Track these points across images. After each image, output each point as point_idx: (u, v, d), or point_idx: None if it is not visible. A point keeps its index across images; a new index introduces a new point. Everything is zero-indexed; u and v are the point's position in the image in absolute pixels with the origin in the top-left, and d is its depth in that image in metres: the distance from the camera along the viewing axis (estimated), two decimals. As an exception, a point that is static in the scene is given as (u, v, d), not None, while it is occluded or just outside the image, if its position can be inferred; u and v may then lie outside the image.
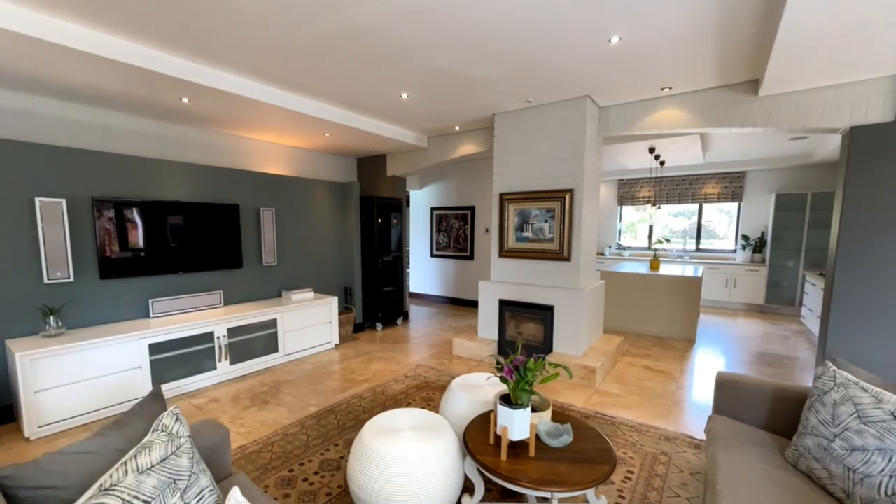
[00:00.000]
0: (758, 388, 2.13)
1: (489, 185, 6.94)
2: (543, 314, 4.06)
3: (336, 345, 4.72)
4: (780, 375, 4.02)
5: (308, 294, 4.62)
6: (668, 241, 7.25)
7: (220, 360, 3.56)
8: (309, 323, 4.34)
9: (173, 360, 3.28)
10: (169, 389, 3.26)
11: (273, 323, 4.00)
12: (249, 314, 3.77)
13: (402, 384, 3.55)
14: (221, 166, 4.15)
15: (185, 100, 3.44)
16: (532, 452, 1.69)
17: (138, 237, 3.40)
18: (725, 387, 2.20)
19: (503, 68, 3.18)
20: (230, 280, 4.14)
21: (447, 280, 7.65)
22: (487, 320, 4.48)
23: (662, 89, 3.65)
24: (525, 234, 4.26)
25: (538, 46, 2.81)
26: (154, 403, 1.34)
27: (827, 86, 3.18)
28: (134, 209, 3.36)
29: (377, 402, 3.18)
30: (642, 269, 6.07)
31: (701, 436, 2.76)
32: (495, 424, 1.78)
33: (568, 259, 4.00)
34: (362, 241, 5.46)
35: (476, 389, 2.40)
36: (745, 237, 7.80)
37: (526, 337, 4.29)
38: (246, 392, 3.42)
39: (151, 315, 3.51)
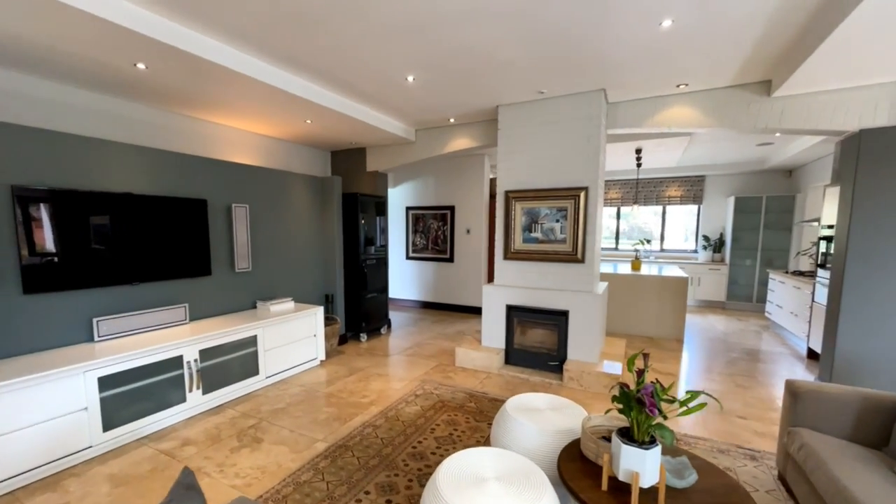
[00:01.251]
0: (843, 398, 1.99)
1: (471, 184, 6.63)
2: (557, 320, 3.81)
3: (322, 361, 4.14)
4: (772, 371, 4.10)
5: (288, 304, 4.00)
6: (648, 241, 7.39)
7: (190, 390, 2.89)
8: (292, 338, 3.74)
9: (131, 394, 2.58)
10: (124, 434, 2.55)
11: (252, 340, 3.36)
12: (226, 331, 3.12)
13: (414, 405, 3.10)
14: (186, 153, 3.43)
15: (140, 65, 2.75)
16: (662, 501, 1.38)
17: (77, 238, 2.64)
18: (806, 397, 2.05)
19: (534, 50, 2.87)
20: (197, 290, 3.43)
21: (425, 284, 7.22)
22: (493, 327, 4.15)
23: (678, 86, 3.55)
24: (534, 234, 4.00)
25: (583, 26, 2.53)
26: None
27: (838, 88, 3.23)
28: (71, 202, 2.60)
29: (395, 430, 2.72)
30: (625, 269, 6.08)
31: (750, 444, 2.63)
32: (608, 466, 1.45)
33: (582, 261, 3.79)
34: (344, 242, 4.90)
35: (538, 415, 2.05)
36: (705, 237, 8.21)
37: (537, 345, 4.02)
38: (228, 427, 2.79)
39: (97, 338, 2.76)
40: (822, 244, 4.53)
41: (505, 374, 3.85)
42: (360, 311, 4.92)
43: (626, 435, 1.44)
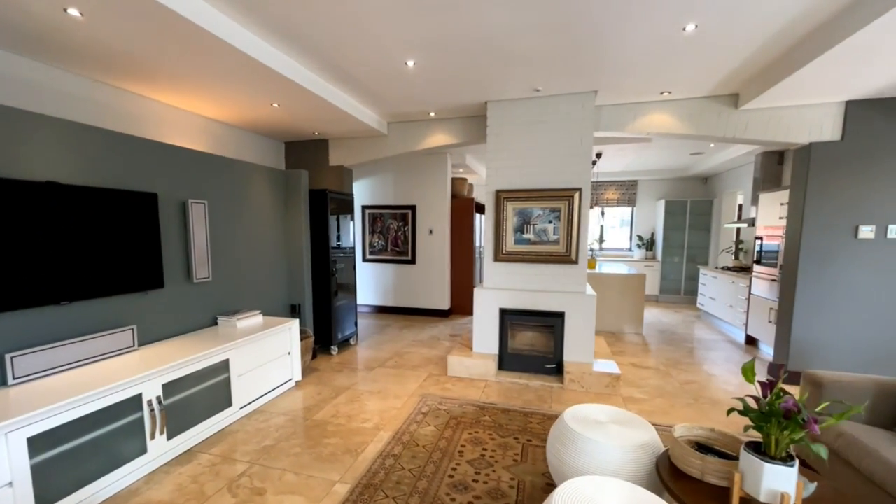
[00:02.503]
0: (859, 385, 2.17)
1: (433, 183, 6.39)
2: (553, 322, 3.77)
3: (297, 382, 3.59)
4: (724, 358, 4.53)
5: (257, 318, 3.40)
6: (602, 241, 7.77)
7: (153, 436, 2.26)
8: (266, 358, 3.18)
9: (72, 455, 1.92)
10: (64, 505, 1.89)
11: (224, 366, 2.77)
12: (194, 357, 2.51)
13: (427, 426, 2.80)
14: (130, 134, 2.70)
15: (73, 10, 2.08)
16: (799, 517, 1.32)
17: (-21, 245, 1.90)
18: (828, 388, 2.20)
19: (550, 42, 2.74)
20: (147, 307, 2.72)
21: (384, 287, 6.81)
22: (485, 332, 3.98)
23: (662, 93, 3.71)
24: (526, 235, 3.91)
25: (607, 19, 2.44)
26: None
27: (793, 105, 3.62)
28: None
29: (419, 457, 2.40)
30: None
31: (754, 433, 2.80)
32: (739, 487, 1.35)
33: (575, 262, 3.78)
34: (313, 245, 4.35)
35: (605, 429, 1.92)
36: (639, 237, 8.96)
37: (531, 348, 3.94)
38: (210, 478, 2.22)
39: (11, 381, 2.01)
40: (758, 243, 5.10)
41: (503, 381, 3.70)
42: (330, 321, 4.41)
43: (758, 451, 1.36)
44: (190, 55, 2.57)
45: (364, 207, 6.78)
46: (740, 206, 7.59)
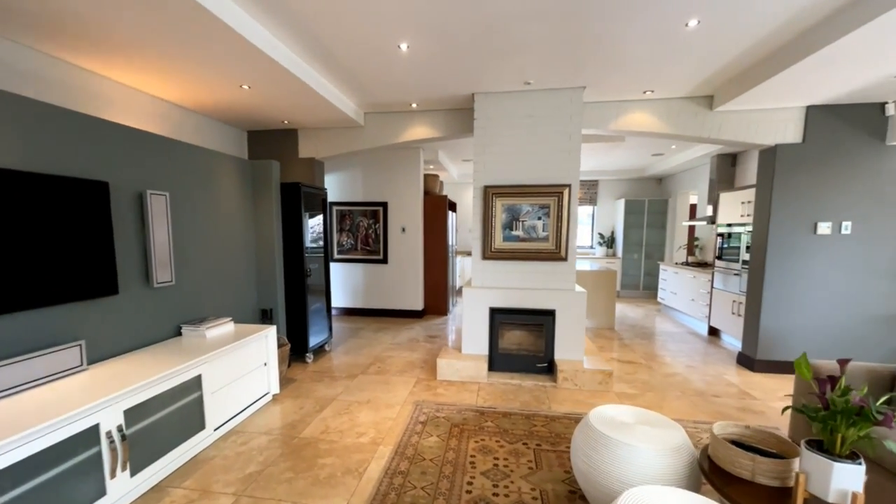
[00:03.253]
0: (854, 373, 2.28)
1: (405, 179, 6.16)
2: (544, 320, 3.70)
3: (275, 395, 3.24)
4: (694, 350, 4.75)
5: (228, 326, 3.02)
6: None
7: (113, 475, 1.87)
8: (241, 371, 2.82)
9: (10, 504, 1.52)
10: (0, 571, 1.49)
11: (196, 383, 2.39)
12: (164, 375, 2.13)
13: (429, 436, 2.61)
14: (75, 110, 2.24)
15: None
16: (858, 514, 1.30)
17: None
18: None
19: (555, 32, 2.66)
20: (98, 318, 2.28)
21: (354, 288, 6.47)
22: (475, 332, 3.84)
23: (645, 92, 3.77)
24: (515, 232, 3.82)
25: (618, 12, 2.40)
26: None
27: (761, 108, 3.82)
28: None
29: (429, 473, 2.21)
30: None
31: (746, 421, 2.89)
32: (803, 488, 1.31)
33: (565, 259, 3.75)
34: (285, 244, 3.97)
35: (634, 431, 1.84)
36: (600, 235, 9.28)
37: (522, 347, 3.85)
38: (184, 518, 1.89)
39: (-81, 417, 1.57)
40: (719, 240, 5.40)
41: (496, 383, 3.58)
42: (304, 327, 4.06)
43: (821, 449, 1.32)
44: (151, 18, 2.18)
45: (331, 204, 6.40)
46: (693, 206, 8.08)
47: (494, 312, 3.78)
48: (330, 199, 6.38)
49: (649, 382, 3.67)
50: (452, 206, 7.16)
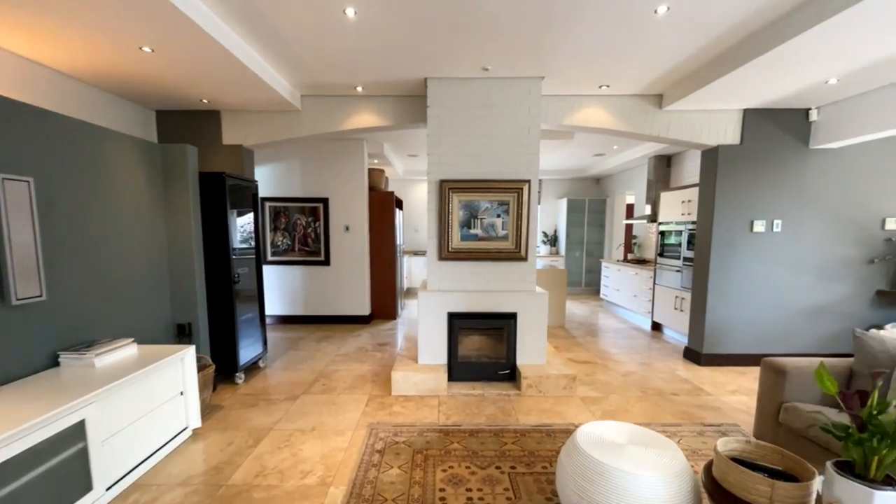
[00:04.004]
0: (812, 368, 2.30)
1: (348, 174, 5.67)
2: (506, 324, 3.49)
3: (196, 430, 2.66)
4: (641, 346, 4.86)
5: (128, 349, 2.40)
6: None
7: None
8: (148, 406, 2.23)
9: None
10: None
11: (77, 431, 1.80)
12: (23, 429, 1.54)
13: (388, 468, 2.24)
14: None
15: None
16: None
17: None
18: (792, 375, 2.28)
19: (523, 12, 2.42)
20: (-86, 354, 1.61)
21: (292, 293, 5.84)
22: (432, 340, 3.52)
23: (601, 86, 3.70)
24: (473, 230, 3.56)
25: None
26: None
27: (704, 109, 3.93)
28: None
29: (392, 517, 1.85)
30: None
31: (708, 420, 2.88)
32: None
33: (525, 259, 3.57)
34: (206, 245, 3.35)
35: (628, 453, 1.64)
36: (544, 233, 9.42)
37: (482, 354, 3.60)
38: None
39: None
40: (661, 237, 5.60)
41: (457, 395, 3.29)
42: (233, 342, 3.47)
43: (851, 471, 1.18)
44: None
45: (264, 200, 5.71)
46: (630, 206, 8.47)
47: (453, 318, 3.49)
48: (262, 193, 5.69)
49: (610, 383, 3.60)
50: (399, 204, 6.77)
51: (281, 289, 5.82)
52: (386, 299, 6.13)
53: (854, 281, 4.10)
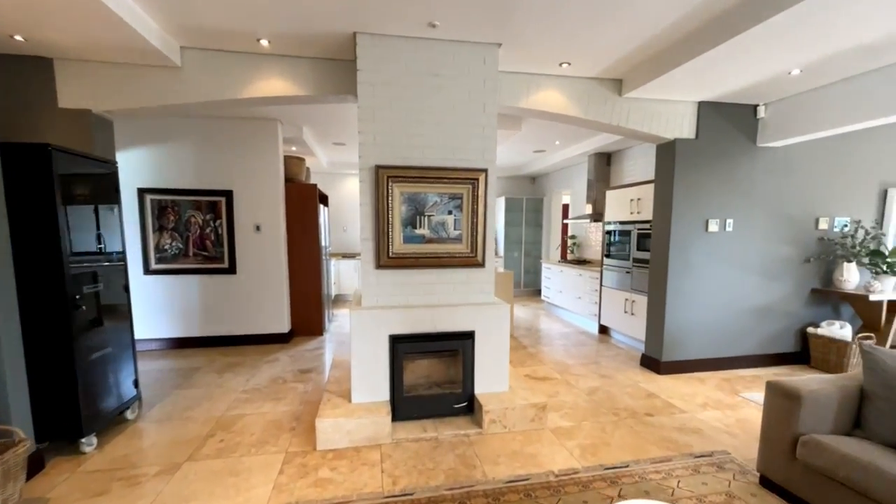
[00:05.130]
0: (826, 391, 1.98)
1: (258, 161, 4.67)
2: (461, 345, 2.84)
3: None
4: (595, 354, 4.57)
5: None
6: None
7: None
8: None
9: None
10: None
11: None
12: None
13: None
14: None
15: None
16: None
17: None
18: (807, 401, 1.94)
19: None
20: None
21: (187, 310, 4.66)
22: (369, 371, 2.75)
23: (561, 64, 3.23)
24: (419, 230, 2.87)
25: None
26: None
27: (662, 100, 3.66)
28: None
29: None
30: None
31: (694, 449, 2.51)
32: None
33: (482, 264, 2.96)
34: (18, 251, 2.22)
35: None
36: (483, 232, 9.00)
37: (433, 383, 2.92)
38: None
39: None
40: (608, 237, 5.38)
41: (404, 441, 2.57)
42: (73, 391, 2.38)
43: None
44: None
45: (143, 191, 4.44)
46: (565, 206, 8.37)
47: (396, 341, 2.76)
48: (141, 183, 4.42)
49: (577, 406, 3.14)
50: (324, 199, 5.83)
51: (171, 305, 4.60)
52: (310, 312, 5.17)
53: (792, 280, 4.13)
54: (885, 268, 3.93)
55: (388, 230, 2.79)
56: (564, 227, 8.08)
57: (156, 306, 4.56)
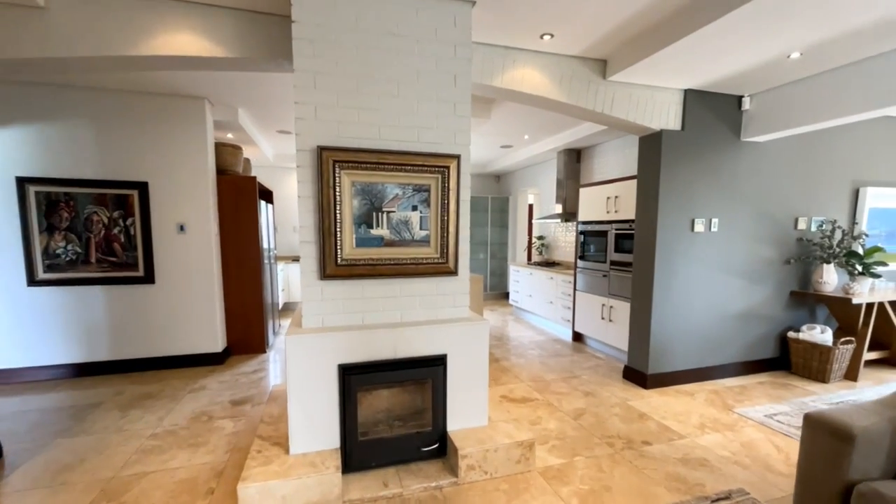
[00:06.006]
0: (878, 428, 1.62)
1: (182, 146, 3.90)
2: (430, 373, 2.30)
3: None
4: (573, 364, 4.19)
5: None
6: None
7: None
8: None
9: None
10: None
11: None
12: None
13: None
14: None
15: None
16: None
17: None
18: (862, 442, 1.57)
19: None
20: None
21: (89, 328, 3.79)
22: (313, 411, 2.14)
23: (542, 36, 2.77)
24: (376, 231, 2.29)
25: None
26: None
27: (648, 85, 3.32)
28: None
29: None
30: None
31: (716, 483, 2.12)
32: None
33: (454, 272, 2.43)
34: None
35: None
36: (448, 233, 8.51)
37: (395, 420, 2.34)
38: None
39: None
40: (582, 238, 5.03)
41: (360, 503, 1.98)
42: None
43: None
44: None
45: (23, 181, 3.53)
46: (531, 206, 8.05)
47: (348, 373, 2.16)
48: (21, 171, 3.52)
49: (565, 434, 2.69)
50: (268, 195, 5.08)
51: (68, 323, 3.71)
52: (249, 325, 4.43)
53: (774, 283, 3.95)
54: (860, 269, 3.81)
55: (335, 230, 2.19)
56: (530, 228, 7.75)
57: (46, 325, 3.66)
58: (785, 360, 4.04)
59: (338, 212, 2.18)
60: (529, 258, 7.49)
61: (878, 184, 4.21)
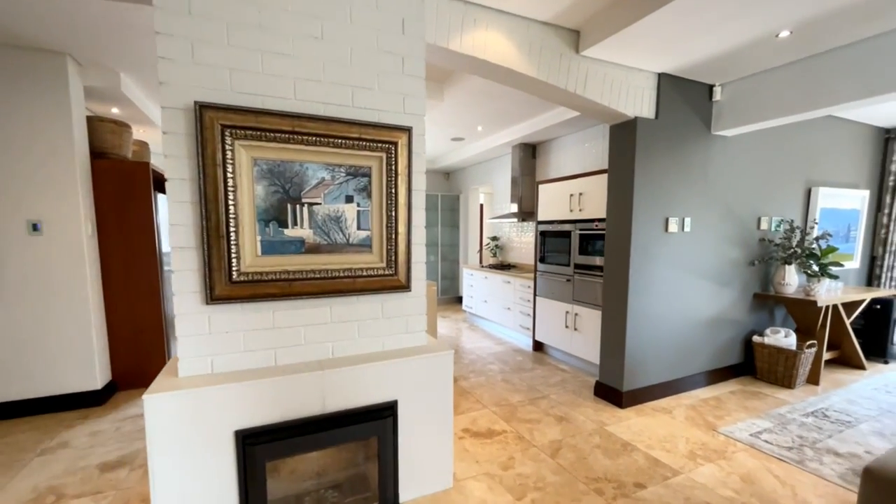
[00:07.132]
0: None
1: (37, 120, 2.91)
2: (375, 427, 1.65)
3: None
4: (538, 379, 3.76)
5: None
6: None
7: None
8: None
9: None
10: None
11: None
12: None
13: None
14: None
15: None
16: None
17: None
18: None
19: None
20: None
21: None
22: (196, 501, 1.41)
23: (512, -10, 2.25)
24: (294, 230, 1.61)
25: None
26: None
27: (623, 65, 2.93)
28: None
29: None
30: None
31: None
32: None
33: (406, 286, 1.81)
34: None
35: None
36: (395, 233, 7.85)
37: (324, 486, 1.66)
38: None
39: None
40: (541, 239, 4.63)
41: None
42: None
43: None
44: None
45: None
46: (482, 204, 7.61)
47: (248, 442, 1.45)
48: None
49: (543, 479, 2.17)
50: (161, 186, 4.09)
51: None
52: (145, 352, 3.47)
53: (740, 284, 3.77)
54: (817, 269, 3.74)
55: (228, 230, 1.48)
56: (481, 228, 7.32)
57: None
58: (749, 364, 3.89)
59: (231, 202, 1.46)
60: (482, 260, 7.04)
61: (828, 184, 4.22)
